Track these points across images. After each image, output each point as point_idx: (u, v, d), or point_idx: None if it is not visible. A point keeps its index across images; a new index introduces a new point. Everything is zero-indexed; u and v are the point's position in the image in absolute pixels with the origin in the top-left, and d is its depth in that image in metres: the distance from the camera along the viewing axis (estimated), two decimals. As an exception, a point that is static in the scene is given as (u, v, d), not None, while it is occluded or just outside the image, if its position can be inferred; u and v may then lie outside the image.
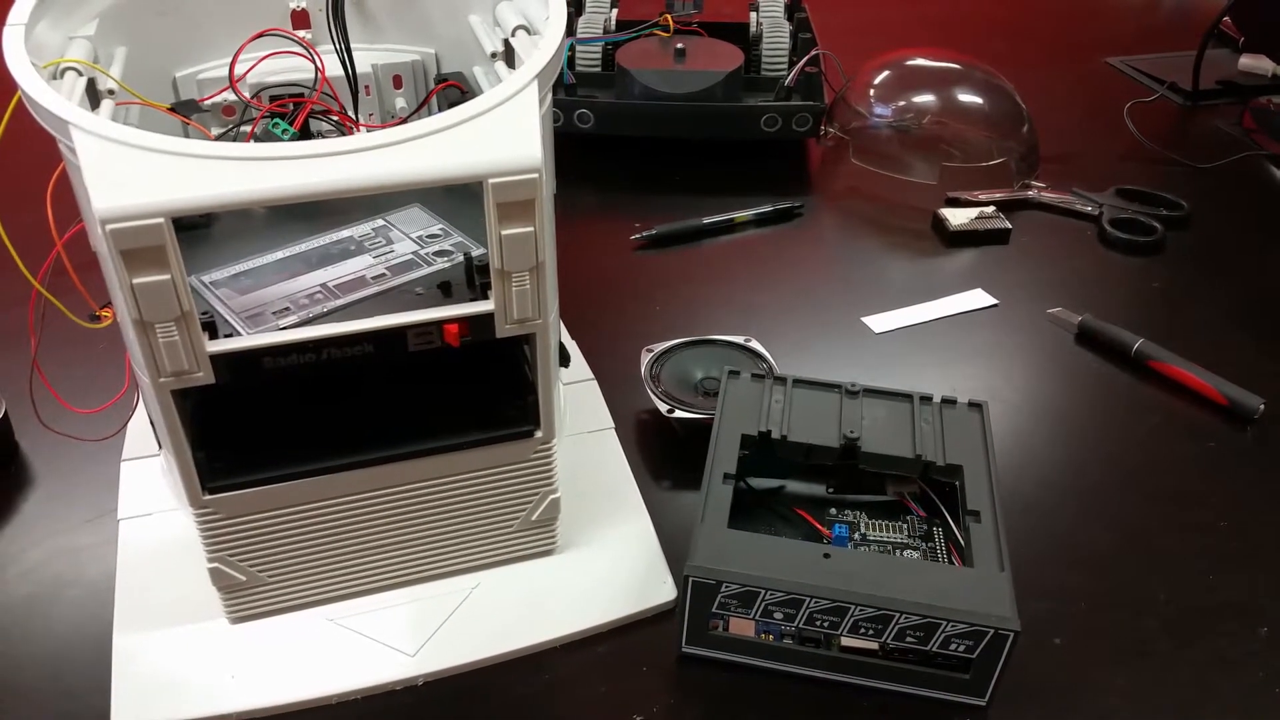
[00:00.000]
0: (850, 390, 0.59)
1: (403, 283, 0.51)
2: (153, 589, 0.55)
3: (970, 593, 0.48)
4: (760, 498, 0.58)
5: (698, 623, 0.51)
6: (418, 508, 0.52)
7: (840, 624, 0.49)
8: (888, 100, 0.97)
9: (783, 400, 0.59)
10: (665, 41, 1.01)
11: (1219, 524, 0.62)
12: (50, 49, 0.50)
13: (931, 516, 0.57)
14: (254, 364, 0.44)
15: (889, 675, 0.51)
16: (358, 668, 0.51)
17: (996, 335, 0.78)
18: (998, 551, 0.51)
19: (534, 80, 0.46)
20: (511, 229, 0.44)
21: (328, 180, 0.42)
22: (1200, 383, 0.71)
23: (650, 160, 1.00)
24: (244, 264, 0.52)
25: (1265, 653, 0.54)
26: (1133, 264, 0.87)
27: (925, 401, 0.59)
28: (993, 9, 1.43)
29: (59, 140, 0.43)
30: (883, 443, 0.56)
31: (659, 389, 0.64)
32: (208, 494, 0.48)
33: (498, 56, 0.57)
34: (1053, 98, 1.13)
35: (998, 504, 0.53)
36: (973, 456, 0.56)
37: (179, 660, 0.51)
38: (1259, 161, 1.03)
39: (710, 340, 0.68)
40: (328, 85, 0.59)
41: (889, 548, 0.55)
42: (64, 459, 0.64)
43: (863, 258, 0.87)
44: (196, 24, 0.59)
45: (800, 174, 1.01)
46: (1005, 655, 0.48)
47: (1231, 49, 1.24)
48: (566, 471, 0.56)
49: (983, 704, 0.50)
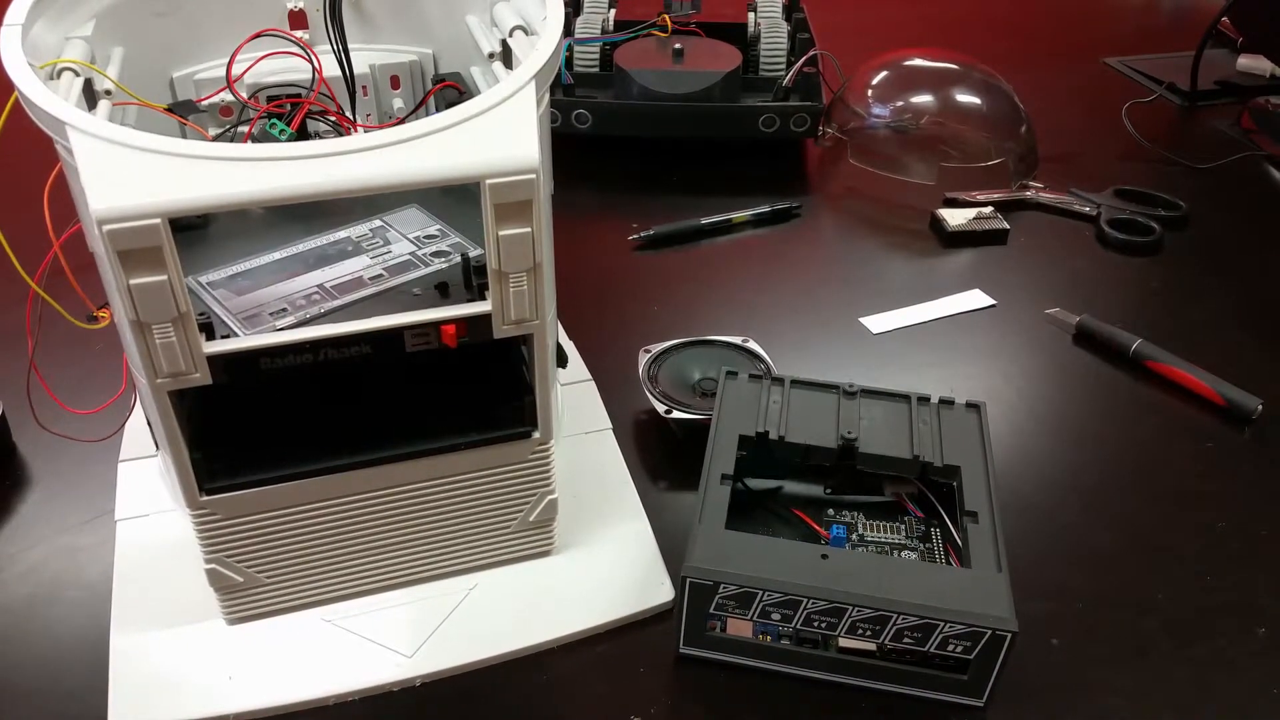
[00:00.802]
0: (848, 391, 0.59)
1: (400, 283, 0.51)
2: (150, 590, 0.55)
3: (968, 593, 0.48)
4: (758, 498, 0.58)
5: (695, 624, 0.51)
6: (415, 508, 0.52)
7: (838, 625, 0.49)
8: (886, 100, 0.97)
9: (780, 401, 0.59)
10: (663, 42, 1.01)
11: (1217, 524, 0.62)
12: (47, 49, 0.50)
13: (929, 517, 0.57)
14: (251, 365, 0.44)
15: (886, 676, 0.51)
16: (355, 669, 0.51)
17: (994, 335, 0.78)
18: (995, 552, 0.51)
19: (531, 80, 0.46)
20: (509, 229, 0.44)
21: (325, 181, 0.41)
22: (1198, 383, 0.71)
23: (648, 161, 1.00)
24: (241, 265, 0.52)
25: (1265, 653, 0.54)
26: (1131, 264, 0.87)
27: (923, 402, 0.59)
28: (991, 9, 1.43)
29: (56, 141, 0.43)
30: (880, 443, 0.56)
31: (657, 390, 0.64)
32: (205, 495, 0.48)
33: (495, 57, 0.57)
34: (1051, 98, 1.13)
35: (995, 505, 0.53)
36: (970, 457, 0.56)
37: (176, 661, 0.51)
38: (1257, 162, 1.03)
39: (708, 341, 0.68)
40: (325, 86, 0.59)
41: (887, 548, 0.55)
42: (62, 460, 0.64)
43: (861, 258, 0.87)
44: (194, 24, 0.59)
45: (798, 174, 1.01)
46: (1003, 656, 0.48)
47: (1230, 49, 1.24)
48: (564, 472, 0.56)
49: (980, 705, 0.50)
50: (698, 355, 0.67)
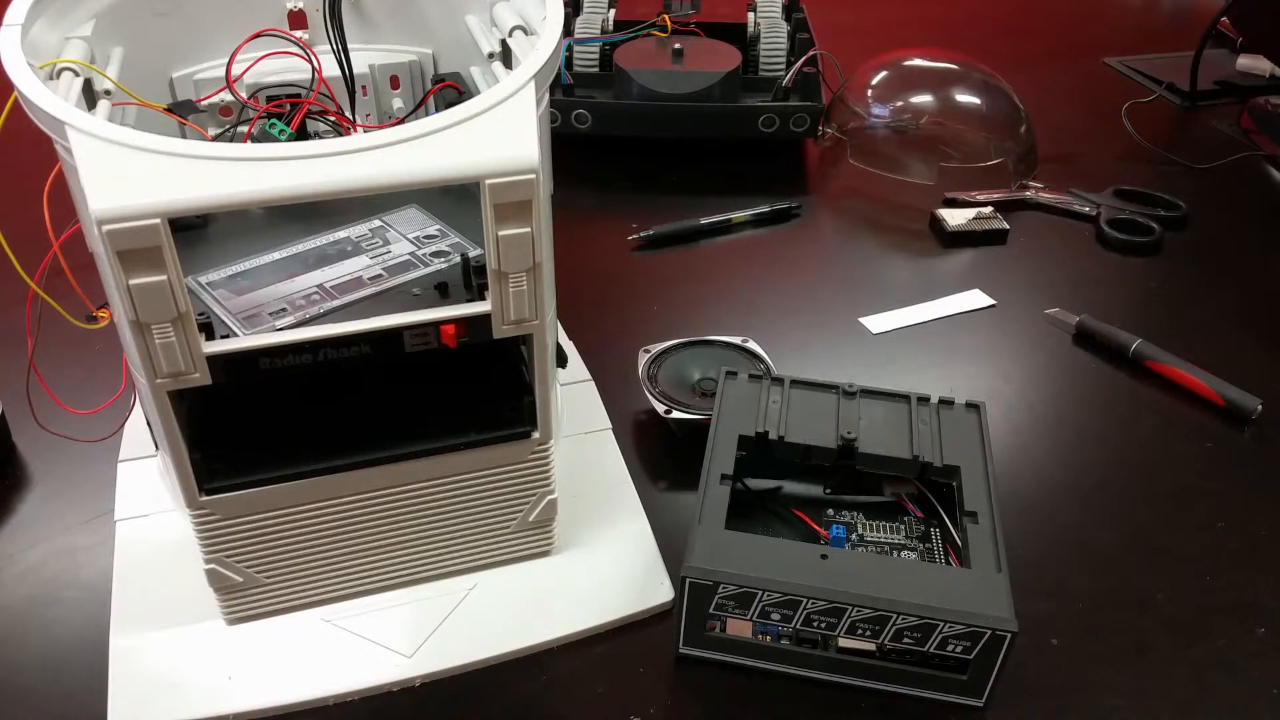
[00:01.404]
0: (848, 391, 0.59)
1: (400, 283, 0.51)
2: (150, 590, 0.54)
3: (968, 593, 0.48)
4: (757, 498, 0.58)
5: (695, 624, 0.51)
6: (415, 508, 0.52)
7: (838, 625, 0.49)
8: (885, 100, 0.97)
9: (780, 401, 0.59)
10: (663, 42, 1.01)
11: (1217, 524, 0.62)
12: (47, 49, 0.50)
13: (929, 517, 0.57)
14: (251, 365, 0.44)
15: (886, 676, 0.51)
16: (355, 669, 0.51)
17: (994, 335, 0.78)
18: (995, 552, 0.51)
19: (531, 80, 0.46)
20: (509, 229, 0.44)
21: (325, 181, 0.41)
22: (1198, 383, 0.71)
23: (648, 161, 1.00)
24: (241, 265, 0.52)
25: (1265, 653, 0.54)
26: (1130, 264, 0.87)
27: (923, 402, 0.59)
28: (991, 9, 1.43)
29: (55, 141, 0.43)
30: (880, 443, 0.56)
31: (656, 390, 0.64)
32: (205, 495, 0.48)
33: (495, 57, 0.57)
34: (1051, 98, 1.13)
35: (995, 505, 0.53)
36: (970, 457, 0.56)
37: (176, 661, 0.51)
38: (1257, 162, 1.03)
39: (708, 341, 0.68)
40: (325, 86, 0.59)
41: (886, 549, 0.55)
42: (61, 460, 0.64)
43: (860, 258, 0.87)
44: (193, 24, 0.59)
45: (798, 174, 1.01)
46: (1003, 656, 0.48)
47: (1230, 49, 1.24)
48: (564, 472, 0.56)
49: (980, 705, 0.50)
50: (697, 355, 0.67)
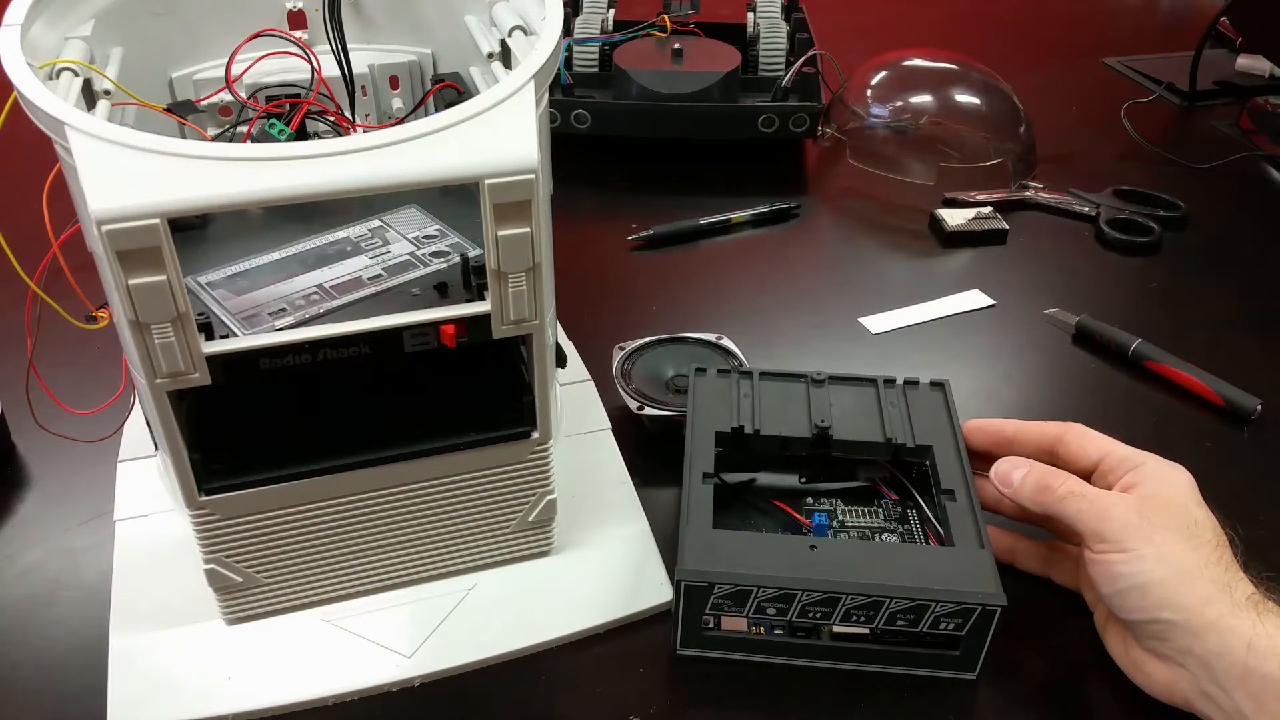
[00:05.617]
0: (815, 379, 0.60)
1: (399, 283, 0.51)
2: (149, 590, 0.54)
3: (955, 572, 0.50)
4: (735, 492, 0.58)
5: (691, 625, 0.51)
6: (414, 509, 0.52)
7: (832, 614, 0.50)
8: (885, 101, 0.97)
9: (751, 394, 0.59)
10: (662, 42, 1.01)
11: (1216, 524, 0.61)
12: (46, 49, 0.49)
13: (903, 499, 0.58)
14: (250, 365, 0.44)
15: (880, 658, 0.52)
16: (354, 669, 0.51)
17: (994, 336, 0.78)
18: (976, 529, 0.52)
19: (531, 80, 0.46)
20: (508, 230, 0.44)
21: (324, 181, 0.41)
22: (1197, 383, 0.71)
23: (647, 161, 1.00)
24: (240, 265, 0.52)
25: (1262, 653, 0.54)
26: (1130, 264, 0.87)
27: (889, 384, 0.60)
28: (991, 9, 1.43)
29: (55, 141, 0.43)
30: (853, 429, 0.57)
31: (630, 386, 0.65)
32: (204, 495, 0.48)
33: (494, 57, 0.57)
34: (1050, 98, 1.13)
35: (970, 482, 0.54)
36: (941, 436, 0.57)
37: (175, 661, 0.51)
38: (1256, 162, 1.03)
39: (681, 338, 0.69)
40: (324, 85, 0.59)
41: (868, 532, 0.56)
42: (60, 460, 0.64)
43: (860, 258, 0.87)
44: (193, 24, 0.59)
45: (797, 174, 1.01)
46: (992, 629, 0.49)
47: (1229, 49, 1.24)
48: (563, 472, 0.56)
49: (973, 677, 0.51)
50: (671, 352, 0.68)
